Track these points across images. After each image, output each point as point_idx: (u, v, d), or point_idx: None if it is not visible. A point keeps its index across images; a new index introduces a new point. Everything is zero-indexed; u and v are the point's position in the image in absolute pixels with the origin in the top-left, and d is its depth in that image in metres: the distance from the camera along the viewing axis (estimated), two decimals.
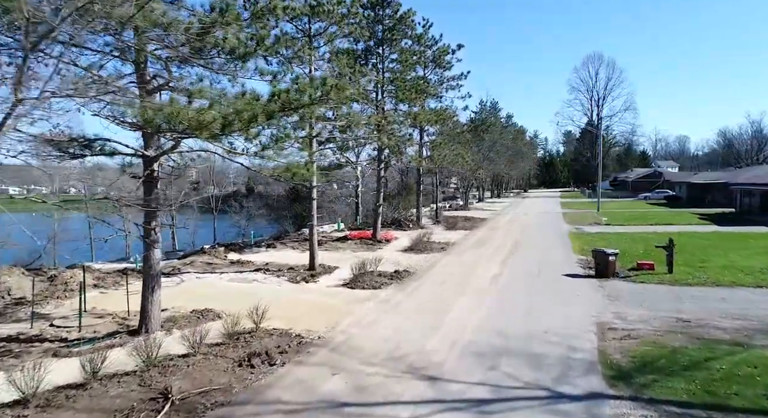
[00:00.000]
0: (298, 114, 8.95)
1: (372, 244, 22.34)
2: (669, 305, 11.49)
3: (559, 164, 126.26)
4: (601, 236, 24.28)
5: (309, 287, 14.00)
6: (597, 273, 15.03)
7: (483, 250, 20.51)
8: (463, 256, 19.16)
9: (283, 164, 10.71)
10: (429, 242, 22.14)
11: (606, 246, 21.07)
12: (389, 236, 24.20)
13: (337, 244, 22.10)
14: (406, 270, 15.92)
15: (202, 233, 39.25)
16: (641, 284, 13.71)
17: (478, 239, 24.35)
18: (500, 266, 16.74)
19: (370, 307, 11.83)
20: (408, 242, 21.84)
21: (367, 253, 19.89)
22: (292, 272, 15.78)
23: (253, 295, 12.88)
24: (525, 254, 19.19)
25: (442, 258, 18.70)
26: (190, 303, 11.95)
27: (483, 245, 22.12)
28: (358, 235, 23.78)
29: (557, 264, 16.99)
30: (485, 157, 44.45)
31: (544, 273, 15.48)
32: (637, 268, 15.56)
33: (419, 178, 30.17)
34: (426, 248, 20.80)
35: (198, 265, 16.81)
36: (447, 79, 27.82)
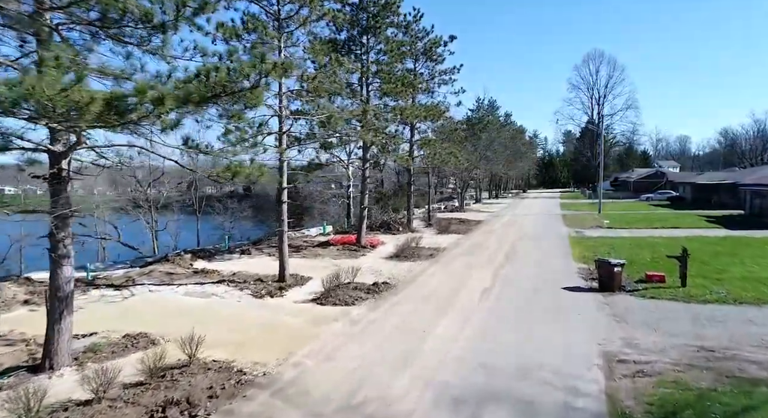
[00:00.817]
0: (237, 100, 7.23)
1: (355, 250, 20.62)
2: (687, 329, 9.77)
3: (558, 164, 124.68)
4: (603, 241, 22.56)
5: (273, 303, 12.27)
6: (601, 286, 13.32)
7: (475, 257, 18.78)
8: (452, 265, 17.43)
9: (236, 162, 9.04)
10: (417, 248, 20.42)
11: (609, 253, 19.44)
12: (375, 241, 22.47)
13: (317, 250, 20.37)
14: (386, 282, 14.18)
15: (186, 236, 37.48)
16: (652, 301, 11.99)
17: (471, 244, 22.62)
18: (492, 277, 15.02)
19: (337, 330, 10.10)
20: (394, 247, 20.14)
21: (348, 261, 18.17)
22: (259, 284, 14.06)
23: (205, 314, 11.19)
24: (520, 263, 17.47)
25: (429, 267, 16.97)
26: (129, 324, 10.24)
27: (475, 251, 20.40)
28: (341, 240, 22.06)
29: (556, 275, 15.27)
30: (482, 156, 42.71)
31: (540, 286, 13.76)
32: (645, 280, 13.85)
33: (410, 178, 28.45)
34: (413, 255, 19.08)
35: (156, 275, 15.08)
36: (439, 72, 26.11)
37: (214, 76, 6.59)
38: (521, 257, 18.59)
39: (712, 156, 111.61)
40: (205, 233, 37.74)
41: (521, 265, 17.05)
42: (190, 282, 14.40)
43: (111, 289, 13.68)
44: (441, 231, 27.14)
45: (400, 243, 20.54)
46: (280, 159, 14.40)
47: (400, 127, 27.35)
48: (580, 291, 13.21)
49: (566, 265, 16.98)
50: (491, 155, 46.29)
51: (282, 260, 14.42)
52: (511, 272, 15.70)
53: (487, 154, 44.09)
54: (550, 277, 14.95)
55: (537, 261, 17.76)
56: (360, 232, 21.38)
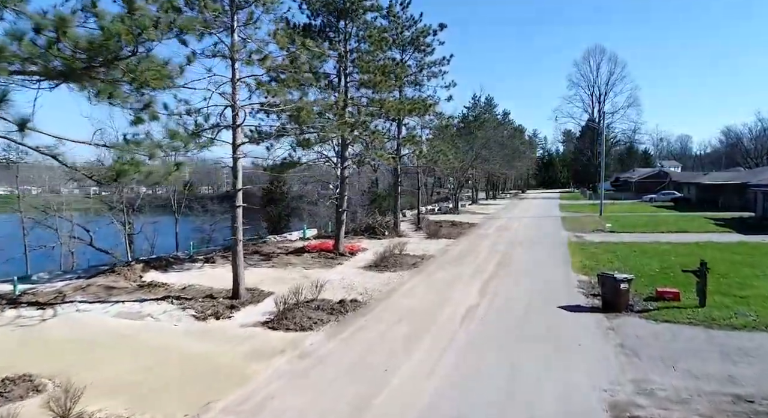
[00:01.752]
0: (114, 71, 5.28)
1: (332, 258, 18.66)
2: (714, 367, 7.83)
3: (558, 164, 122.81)
4: (605, 248, 20.61)
5: (215, 328, 10.31)
6: (605, 305, 11.37)
7: (463, 267, 16.83)
8: (436, 276, 15.47)
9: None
10: (400, 256, 18.47)
11: (612, 262, 17.48)
12: (355, 247, 20.51)
13: (290, 258, 18.40)
14: (355, 300, 12.22)
15: (164, 239, 35.45)
16: (666, 325, 10.04)
17: (461, 251, 20.66)
18: (480, 292, 13.06)
19: (280, 367, 8.15)
20: (375, 255, 18.17)
21: (321, 271, 16.23)
22: (208, 301, 12.09)
23: (126, 343, 9.25)
24: (513, 274, 15.52)
25: (410, 279, 15.02)
26: (25, 358, 8.33)
27: (464, 259, 18.44)
28: (318, 246, 20.10)
29: (553, 289, 13.32)
30: (477, 155, 40.75)
31: (534, 304, 11.81)
32: (656, 297, 11.90)
33: (397, 179, 26.49)
34: (394, 264, 17.13)
35: (92, 290, 13.11)
36: (427, 64, 24.16)
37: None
38: (514, 267, 16.64)
39: (713, 156, 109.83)
40: (184, 236, 35.74)
41: (514, 276, 15.10)
42: (130, 299, 12.44)
43: (34, 307, 11.72)
44: (430, 235, 25.18)
45: (382, 250, 18.59)
46: (233, 156, 12.44)
47: (387, 123, 25.47)
48: (580, 311, 11.26)
49: (565, 276, 15.03)
50: (487, 154, 44.31)
51: (236, 274, 12.46)
52: (501, 286, 13.74)
53: (482, 153, 42.12)
54: (545, 292, 13.00)
55: (532, 272, 15.81)
56: (338, 238, 19.43)
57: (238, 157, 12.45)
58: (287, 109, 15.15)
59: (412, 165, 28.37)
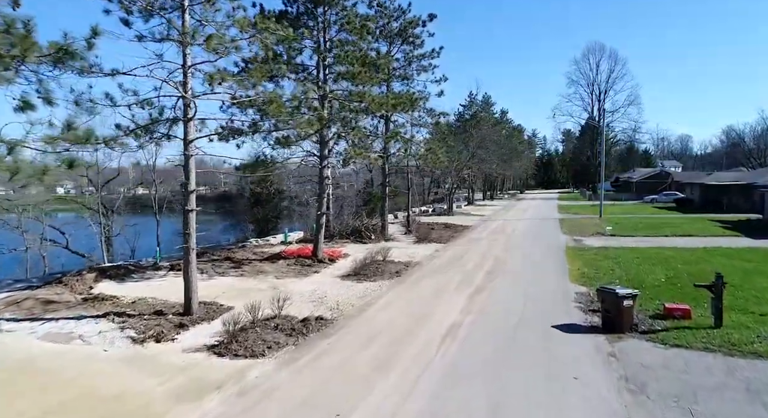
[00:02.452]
0: None
1: (309, 265, 17.19)
2: (740, 410, 6.38)
3: (557, 164, 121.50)
4: (605, 253, 19.15)
5: (150, 354, 8.83)
6: (605, 324, 9.92)
7: (450, 275, 15.36)
8: (418, 287, 14.01)
9: None
10: (384, 263, 17.04)
11: (613, 270, 16.02)
12: (336, 252, 19.04)
13: (263, 266, 16.92)
14: (322, 317, 10.74)
15: (145, 241, 33.87)
16: (677, 351, 8.58)
17: (450, 256, 19.18)
18: (464, 307, 11.60)
19: (209, 411, 6.68)
20: (356, 262, 16.71)
21: (293, 281, 14.79)
22: (154, 319, 10.62)
23: (36, 375, 7.78)
24: (504, 284, 14.05)
25: (389, 291, 13.55)
26: None
27: (453, 266, 16.97)
28: (296, 252, 18.63)
29: (547, 303, 11.86)
30: (473, 154, 39.29)
31: (525, 323, 10.35)
32: (664, 315, 10.45)
33: (384, 179, 25.02)
34: (375, 273, 15.67)
35: (27, 305, 11.63)
36: (416, 57, 22.70)
37: None
38: (506, 276, 15.17)
39: (714, 156, 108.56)
40: (166, 238, 34.23)
41: (504, 287, 13.63)
42: (67, 316, 10.95)
43: None
44: (420, 239, 23.72)
45: (363, 257, 17.15)
46: (184, 154, 10.97)
47: (375, 120, 24.04)
48: (577, 332, 9.80)
49: (561, 287, 13.57)
50: (483, 154, 42.85)
51: (188, 288, 10.98)
52: (489, 300, 12.27)
53: (478, 153, 40.65)
54: (538, 307, 11.54)
55: (525, 281, 14.34)
56: (317, 243, 17.96)
57: (191, 154, 10.98)
58: (256, 103, 13.75)
59: (400, 164, 26.92)
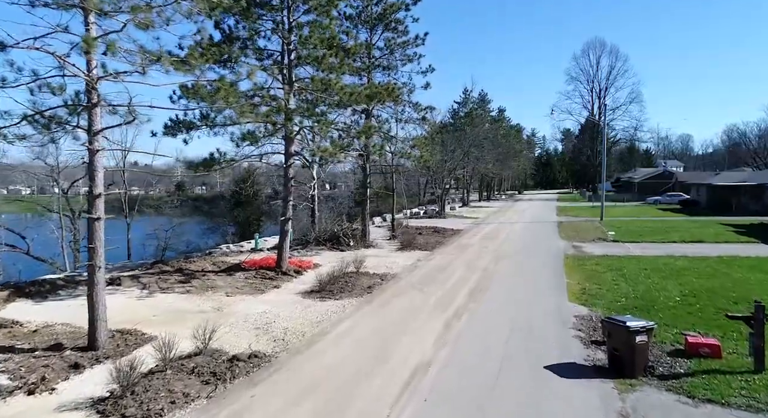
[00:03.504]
0: None
1: (271, 278, 15.03)
2: None
3: (556, 164, 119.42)
4: (608, 263, 17.03)
5: (11, 414, 6.68)
6: (613, 365, 7.80)
7: (428, 293, 13.20)
8: (388, 308, 11.84)
9: None
10: (356, 275, 14.94)
11: (618, 282, 13.87)
12: (304, 263, 16.89)
13: (216, 279, 14.74)
14: (256, 355, 8.55)
15: (116, 245, 31.59)
16: (711, 409, 6.45)
17: (433, 268, 17.02)
18: (439, 337, 9.45)
19: None
20: (325, 275, 14.54)
21: (245, 299, 12.64)
22: (46, 356, 8.46)
23: None
24: (490, 305, 11.89)
25: (354, 313, 11.38)
26: None
27: (433, 281, 14.80)
28: (258, 262, 16.48)
29: (540, 332, 9.71)
30: (466, 153, 37.14)
31: (511, 361, 8.20)
32: (686, 350, 8.32)
33: (365, 179, 22.85)
34: (343, 288, 13.53)
35: None
36: (399, 45, 20.56)
37: None
38: (493, 294, 13.00)
39: (716, 156, 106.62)
40: (137, 243, 32.10)
41: (490, 309, 11.47)
42: None
43: None
44: (403, 246, 21.55)
45: (335, 268, 15.04)
46: (87, 148, 8.81)
47: (355, 116, 21.92)
48: (577, 375, 7.66)
49: (558, 309, 11.42)
50: (478, 153, 40.69)
51: (93, 317, 8.81)
52: (470, 327, 10.11)
53: (472, 151, 38.50)
54: (529, 337, 9.39)
55: (515, 301, 12.18)
56: (281, 252, 15.80)
57: (96, 149, 8.81)
58: (200, 91, 11.68)
59: (382, 164, 24.84)
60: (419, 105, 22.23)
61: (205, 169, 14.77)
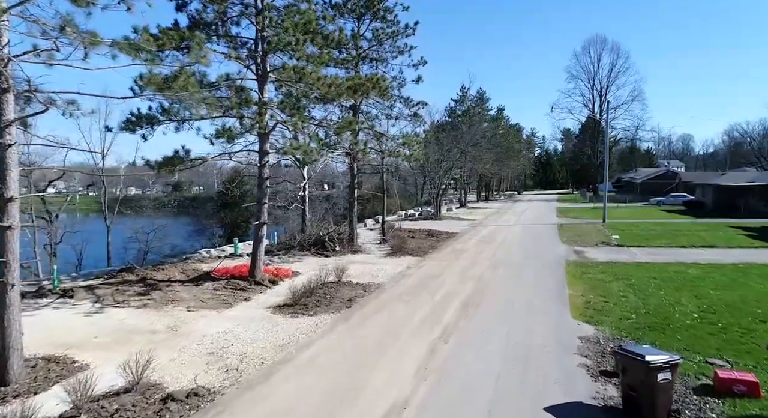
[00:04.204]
0: None
1: (243, 288, 13.60)
2: None
3: (556, 163, 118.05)
4: (614, 270, 15.62)
5: None
6: (629, 408, 6.38)
7: (414, 307, 11.76)
8: (367, 326, 10.40)
9: None
10: (337, 286, 13.54)
11: (626, 294, 12.43)
12: (282, 271, 15.45)
13: (180, 291, 13.29)
14: (196, 392, 7.11)
15: (94, 250, 30.16)
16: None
17: (423, 276, 15.58)
18: (421, 365, 8.01)
19: None
20: (303, 285, 13.09)
21: (208, 315, 11.20)
22: None
23: None
24: (483, 324, 10.45)
25: (327, 333, 9.94)
26: None
27: (421, 292, 13.36)
28: (232, 271, 15.07)
29: (539, 360, 8.27)
30: (462, 152, 35.71)
31: (506, 402, 6.76)
32: (716, 388, 6.88)
33: (353, 180, 21.38)
34: (320, 301, 12.11)
35: None
36: (388, 35, 19.13)
37: None
38: (487, 308, 11.57)
39: (717, 155, 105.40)
40: (118, 246, 30.59)
41: (482, 329, 10.04)
42: None
43: None
44: (393, 251, 20.12)
45: (315, 277, 13.63)
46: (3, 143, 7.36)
47: (344, 113, 20.55)
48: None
49: (559, 328, 9.99)
50: (474, 151, 39.24)
51: (4, 346, 7.37)
52: (458, 352, 8.67)
53: (468, 151, 37.05)
54: (527, 368, 7.94)
55: (511, 317, 10.75)
56: (254, 260, 14.37)
57: (8, 143, 7.37)
58: (154, 80, 10.29)
59: (374, 163, 23.44)
60: (410, 100, 20.81)
61: (169, 169, 13.31)
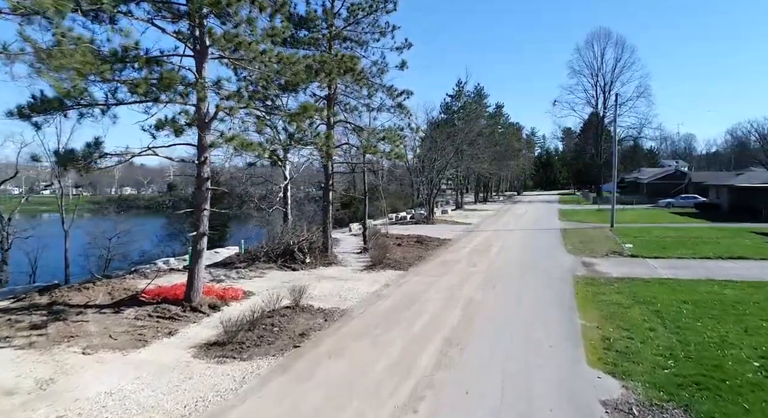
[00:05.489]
0: None
1: (172, 317, 10.85)
2: None
3: (557, 163, 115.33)
4: (633, 292, 12.88)
5: None
6: None
7: (382, 346, 9.02)
8: (312, 381, 7.64)
9: None
10: (292, 311, 10.87)
11: (653, 326, 9.61)
12: (229, 292, 12.68)
13: (88, 322, 10.52)
14: None
15: (50, 256, 27.31)
16: None
17: (401, 298, 12.82)
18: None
19: None
20: (247, 313, 10.33)
21: (105, 358, 8.46)
22: None
23: None
24: (468, 379, 7.70)
25: (252, 394, 7.19)
26: None
27: (397, 321, 10.61)
28: (165, 291, 12.29)
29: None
30: (457, 150, 32.98)
31: None
32: None
33: (327, 181, 18.61)
34: (262, 337, 9.42)
35: None
36: (364, 10, 16.40)
37: None
38: (475, 351, 8.81)
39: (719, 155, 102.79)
40: (76, 252, 27.71)
41: (466, 386, 7.28)
42: None
43: None
44: (374, 263, 17.37)
45: (267, 298, 10.94)
46: None
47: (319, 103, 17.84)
48: None
49: (572, 386, 7.26)
50: (471, 150, 36.49)
51: None
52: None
53: (464, 149, 34.31)
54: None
55: (508, 364, 8.00)
56: (191, 279, 11.64)
57: None
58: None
59: (350, 162, 20.76)
60: (394, 89, 18.06)
61: (78, 165, 10.57)
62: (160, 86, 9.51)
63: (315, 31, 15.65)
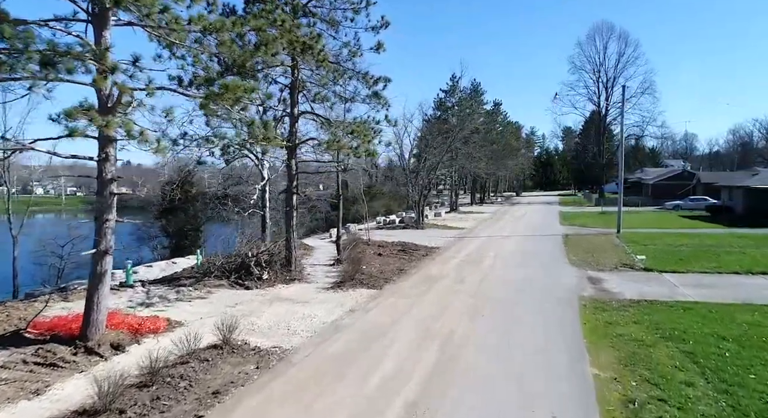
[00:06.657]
0: None
1: (54, 363, 8.24)
2: None
3: (557, 163, 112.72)
4: (655, 323, 10.28)
5: None
6: None
7: (325, 410, 6.41)
8: None
9: None
10: (215, 355, 8.25)
11: (692, 378, 6.84)
12: (147, 324, 10.00)
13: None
14: None
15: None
16: None
17: (364, 333, 10.18)
18: None
19: None
20: (159, 355, 7.72)
21: None
22: None
23: None
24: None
25: None
26: None
27: (347, 372, 7.99)
28: (58, 324, 9.67)
29: None
30: (449, 147, 30.37)
31: None
32: None
33: (290, 183, 15.92)
34: (152, 404, 6.75)
35: None
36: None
37: None
38: (457, 406, 6.23)
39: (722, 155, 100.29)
40: (26, 260, 25.06)
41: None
42: None
43: None
44: (343, 279, 14.74)
45: (184, 337, 8.36)
46: None
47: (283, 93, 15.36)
48: None
49: None
50: (466, 149, 33.88)
51: None
52: None
53: (458, 148, 31.71)
54: None
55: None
56: (89, 309, 9.02)
57: None
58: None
59: (317, 161, 18.22)
60: (369, 76, 15.46)
61: None
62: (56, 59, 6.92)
63: (269, 2, 13.04)
